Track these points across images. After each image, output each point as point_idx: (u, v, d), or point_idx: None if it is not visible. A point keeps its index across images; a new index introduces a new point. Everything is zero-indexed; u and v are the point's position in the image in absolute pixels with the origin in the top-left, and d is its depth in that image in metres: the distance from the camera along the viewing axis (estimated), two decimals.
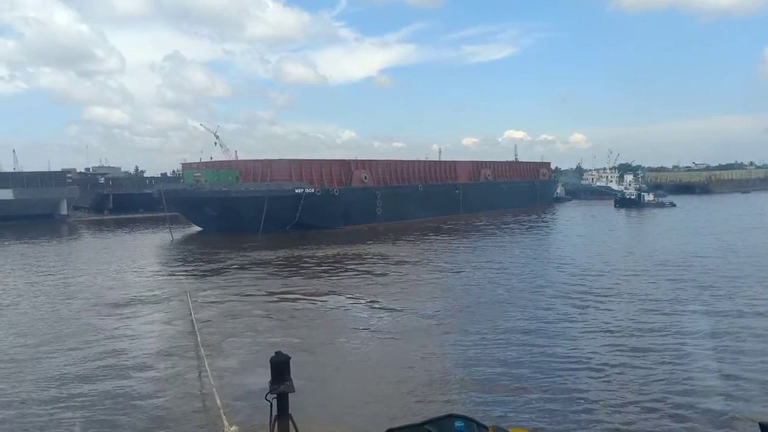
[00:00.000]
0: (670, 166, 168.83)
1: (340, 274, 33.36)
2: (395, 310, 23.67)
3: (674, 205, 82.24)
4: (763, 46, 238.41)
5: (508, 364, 16.28)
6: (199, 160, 67.60)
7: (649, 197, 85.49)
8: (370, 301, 25.46)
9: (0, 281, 32.33)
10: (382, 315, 23.07)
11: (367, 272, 33.54)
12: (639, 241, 45.78)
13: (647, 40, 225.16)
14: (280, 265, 37.16)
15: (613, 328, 19.81)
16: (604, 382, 14.89)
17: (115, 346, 19.05)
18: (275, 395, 8.54)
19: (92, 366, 16.88)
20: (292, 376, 8.75)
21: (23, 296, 28.11)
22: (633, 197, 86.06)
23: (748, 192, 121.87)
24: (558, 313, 22.17)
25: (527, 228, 60.86)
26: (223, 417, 10.23)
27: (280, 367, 8.76)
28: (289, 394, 8.64)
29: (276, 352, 9.04)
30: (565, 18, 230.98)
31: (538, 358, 16.67)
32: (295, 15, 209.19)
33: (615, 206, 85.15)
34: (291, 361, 8.92)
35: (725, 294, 24.88)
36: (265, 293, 27.79)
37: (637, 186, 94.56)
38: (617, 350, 17.37)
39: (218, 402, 11.09)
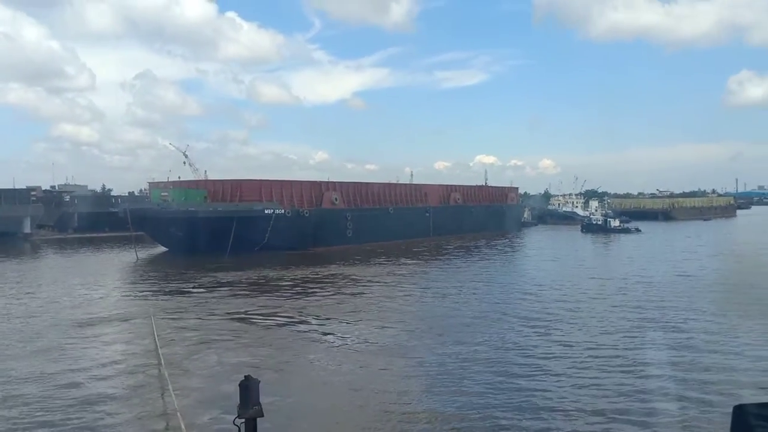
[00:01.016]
0: (636, 193, 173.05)
1: (308, 295, 33.24)
2: (362, 331, 23.73)
3: (639, 231, 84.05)
4: (727, 77, 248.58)
5: (469, 392, 16.37)
6: (167, 179, 66.83)
7: (615, 223, 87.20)
8: (336, 322, 25.46)
9: None
10: (348, 336, 23.08)
11: (336, 294, 33.52)
12: (606, 268, 46.59)
13: (615, 69, 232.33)
14: (247, 286, 36.85)
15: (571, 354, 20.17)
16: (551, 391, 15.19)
17: (77, 364, 18.70)
18: (243, 420, 8.45)
19: (52, 385, 16.54)
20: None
21: None
22: (599, 223, 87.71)
23: (709, 219, 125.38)
24: (521, 338, 22.43)
25: (496, 252, 61.53)
26: None
27: (249, 391, 8.67)
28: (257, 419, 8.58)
29: (245, 376, 8.96)
30: (536, 46, 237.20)
31: (504, 390, 16.77)
32: (270, 36, 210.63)
33: (582, 231, 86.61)
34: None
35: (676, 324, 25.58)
36: (230, 314, 27.51)
37: (603, 212, 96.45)
38: (577, 369, 17.73)
39: (181, 423, 11.00)
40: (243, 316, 27.16)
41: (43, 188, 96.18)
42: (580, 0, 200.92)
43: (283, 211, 57.71)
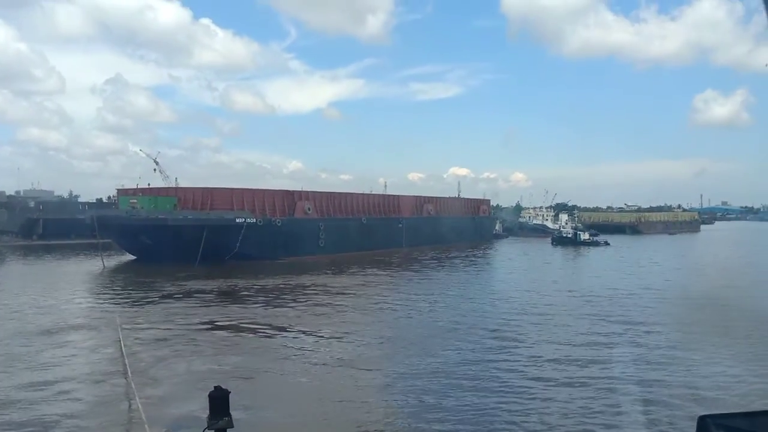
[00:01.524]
0: (605, 207, 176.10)
1: (278, 305, 32.95)
2: (331, 341, 23.63)
3: (608, 244, 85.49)
4: (693, 95, 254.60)
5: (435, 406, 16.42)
6: (136, 186, 65.74)
7: (584, 236, 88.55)
8: (307, 333, 25.27)
9: None
10: (317, 346, 22.95)
11: (307, 304, 33.30)
12: (576, 281, 47.23)
13: (587, 85, 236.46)
14: (216, 295, 36.41)
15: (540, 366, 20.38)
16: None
17: (41, 373, 18.25)
18: (213, 431, 8.31)
19: (15, 394, 16.12)
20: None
21: None
22: (569, 236, 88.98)
23: (675, 234, 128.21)
24: (486, 351, 22.47)
25: (468, 263, 61.96)
26: None
27: (218, 401, 8.52)
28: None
29: (215, 387, 8.77)
30: (510, 61, 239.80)
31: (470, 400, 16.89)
32: (245, 44, 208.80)
33: (552, 244, 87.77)
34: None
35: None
36: (199, 323, 27.12)
37: (573, 225, 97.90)
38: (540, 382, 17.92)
39: (147, 430, 10.79)
40: (212, 325, 26.79)
41: (7, 193, 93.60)
42: (554, 17, 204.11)
43: (254, 220, 57.22)
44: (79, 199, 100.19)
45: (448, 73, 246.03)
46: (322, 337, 24.37)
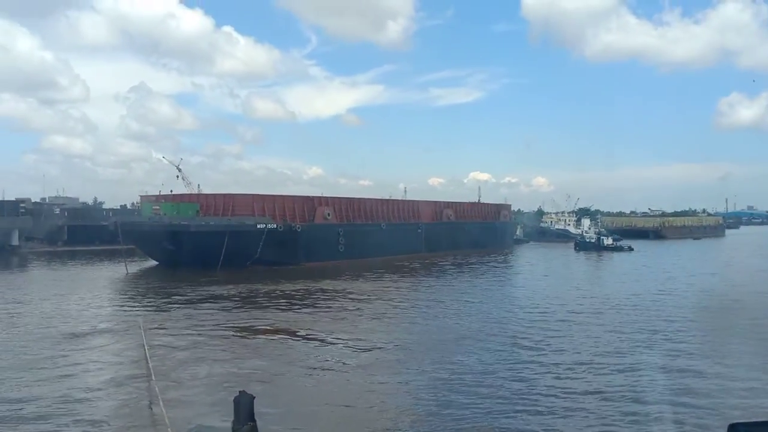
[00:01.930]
0: (628, 211, 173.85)
1: (298, 309, 33.08)
2: (354, 344, 23.60)
3: (632, 249, 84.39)
4: (718, 98, 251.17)
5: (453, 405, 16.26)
6: (159, 193, 66.54)
7: (608, 241, 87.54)
8: (326, 336, 25.32)
9: None
10: (337, 349, 22.99)
11: (326, 308, 33.40)
12: (602, 287, 46.47)
13: (609, 88, 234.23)
14: (238, 299, 36.61)
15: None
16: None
17: (66, 376, 18.53)
18: None
19: (40, 396, 16.33)
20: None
21: None
22: (593, 241, 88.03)
23: (699, 238, 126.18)
24: (510, 358, 22.25)
25: (488, 269, 61.50)
26: None
27: (243, 407, 8.51)
28: None
29: (240, 392, 8.77)
30: (531, 65, 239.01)
31: (488, 403, 16.66)
32: (266, 51, 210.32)
33: (575, 249, 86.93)
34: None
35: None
36: (221, 327, 27.33)
37: (596, 230, 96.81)
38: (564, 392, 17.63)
39: None
40: (234, 328, 26.95)
41: (33, 200, 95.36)
42: (575, 21, 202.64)
43: (275, 225, 57.46)
44: (104, 206, 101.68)
45: (468, 78, 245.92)
46: (340, 341, 24.34)
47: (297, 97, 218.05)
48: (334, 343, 24.01)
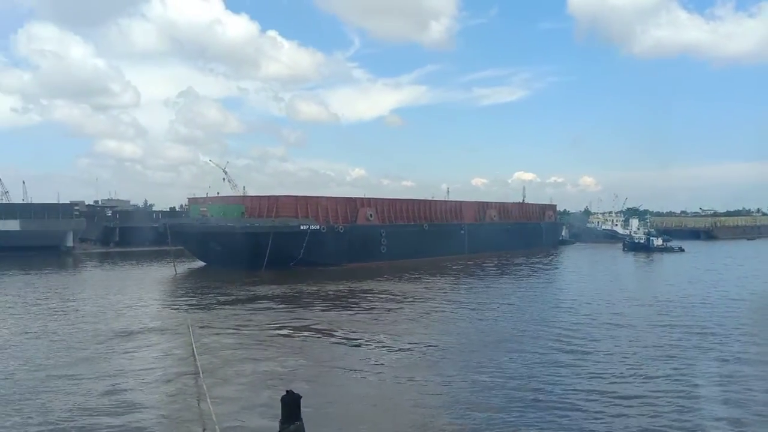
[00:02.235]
0: (678, 211, 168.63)
1: (341, 309, 33.30)
2: (396, 345, 23.60)
3: (683, 250, 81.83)
4: None
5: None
6: (206, 195, 68.11)
7: (657, 242, 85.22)
8: (369, 335, 25.43)
9: (5, 312, 32.28)
10: (379, 349, 23.02)
11: (369, 309, 33.47)
12: (656, 289, 44.94)
13: (659, 85, 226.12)
14: (282, 299, 37.07)
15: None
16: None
17: (118, 373, 19.14)
18: None
19: (94, 392, 16.94)
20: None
21: (29, 327, 28.04)
22: (642, 241, 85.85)
23: (754, 239, 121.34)
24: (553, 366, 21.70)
25: (533, 270, 60.54)
26: None
27: (290, 406, 8.53)
28: None
29: (287, 391, 8.80)
30: (577, 63, 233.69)
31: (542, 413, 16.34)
32: (310, 55, 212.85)
33: (623, 250, 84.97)
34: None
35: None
36: (266, 326, 27.76)
37: (646, 230, 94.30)
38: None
39: (217, 429, 11.03)
40: (278, 328, 27.31)
41: (87, 203, 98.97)
42: (623, 17, 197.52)
43: (318, 226, 57.99)
44: (153, 208, 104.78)
45: (512, 77, 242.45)
46: (382, 342, 24.36)
47: (340, 99, 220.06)
48: (376, 344, 24.04)
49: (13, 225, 72.28)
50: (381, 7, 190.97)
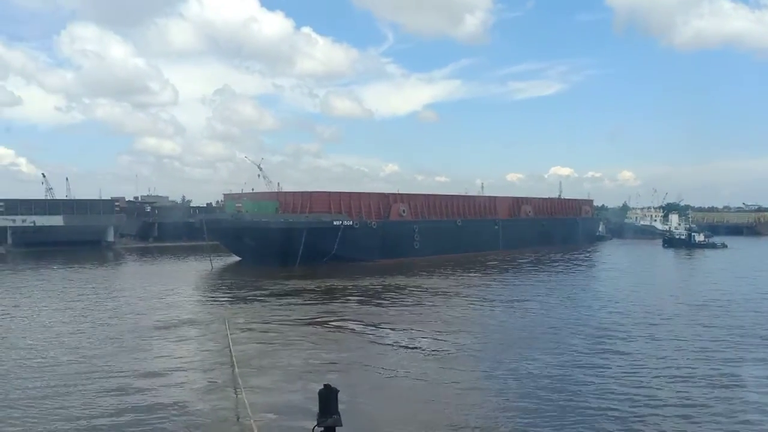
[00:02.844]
0: (721, 206, 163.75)
1: (374, 303, 33.45)
2: (427, 339, 23.68)
3: (726, 246, 79.44)
4: None
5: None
6: (241, 191, 69.10)
7: (699, 237, 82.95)
8: (402, 330, 25.52)
9: (49, 305, 33.38)
10: (413, 343, 23.07)
11: (401, 302, 33.58)
12: (696, 287, 43.92)
13: (701, 77, 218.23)
14: (316, 293, 37.41)
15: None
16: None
17: (157, 362, 19.83)
18: (322, 428, 8.37)
19: (135, 381, 17.55)
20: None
21: (73, 318, 29.07)
22: (683, 237, 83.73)
23: None
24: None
25: (568, 266, 59.61)
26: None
27: (328, 399, 8.52)
28: None
29: (324, 385, 8.79)
30: (616, 55, 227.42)
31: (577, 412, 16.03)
32: (344, 51, 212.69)
33: (663, 246, 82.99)
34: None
35: None
36: (299, 319, 28.10)
37: (687, 226, 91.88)
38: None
39: (251, 416, 11.24)
40: (311, 321, 27.63)
41: (127, 199, 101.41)
42: (663, 8, 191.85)
43: (351, 222, 58.18)
44: (191, 204, 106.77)
45: (548, 70, 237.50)
46: (415, 336, 24.42)
47: (374, 94, 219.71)
48: (409, 338, 24.09)
49: (57, 220, 74.57)
50: (415, 2, 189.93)
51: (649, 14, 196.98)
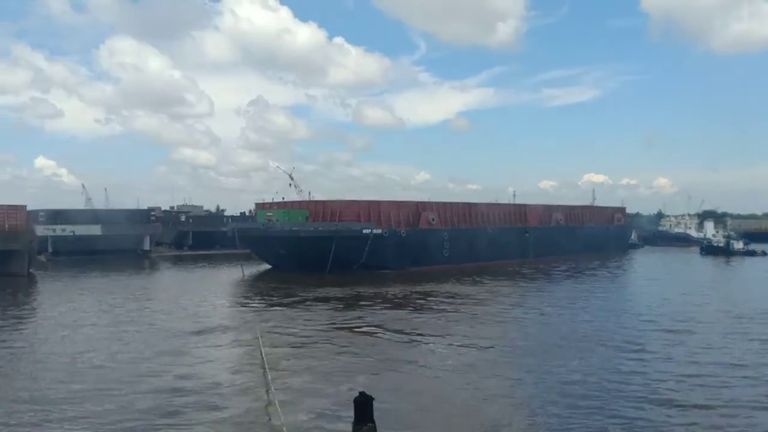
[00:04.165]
0: (760, 213, 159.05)
1: (403, 311, 33.76)
2: (456, 346, 23.88)
3: (766, 254, 77.50)
4: None
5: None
6: (272, 200, 70.17)
7: (738, 245, 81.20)
8: (431, 337, 25.72)
9: (94, 313, 34.51)
10: (442, 349, 23.30)
11: (431, 311, 33.82)
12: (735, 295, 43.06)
13: (741, 81, 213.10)
14: (346, 301, 37.86)
15: None
16: None
17: (194, 365, 20.58)
18: None
19: (184, 384, 18.32)
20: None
21: (109, 323, 30.11)
22: (721, 245, 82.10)
23: None
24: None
25: (600, 275, 58.85)
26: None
27: (363, 407, 8.70)
28: None
29: (360, 392, 8.99)
30: (652, 61, 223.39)
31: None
32: (376, 60, 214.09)
33: (701, 254, 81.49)
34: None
35: None
36: (328, 325, 28.62)
37: (725, 233, 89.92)
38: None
39: (280, 414, 11.67)
40: (341, 328, 28.11)
41: (163, 209, 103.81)
42: (701, 12, 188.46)
43: (380, 231, 58.51)
44: (225, 213, 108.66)
45: (583, 77, 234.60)
46: (445, 342, 24.62)
47: (406, 103, 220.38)
48: (438, 344, 24.32)
49: (95, 230, 76.78)
50: (446, 11, 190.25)
51: (685, 18, 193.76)
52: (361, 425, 8.55)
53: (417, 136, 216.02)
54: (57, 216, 77.35)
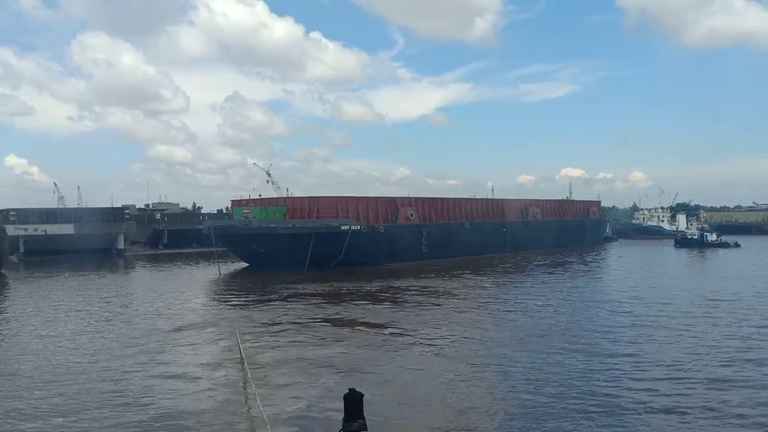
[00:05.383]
0: (732, 206, 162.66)
1: (381, 306, 33.76)
2: (435, 338, 24.03)
3: (738, 246, 79.32)
4: None
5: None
6: (248, 197, 69.54)
7: (712, 237, 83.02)
8: (409, 329, 25.85)
9: (68, 311, 33.83)
10: (421, 341, 23.41)
11: (408, 304, 33.95)
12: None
13: (714, 76, 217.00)
14: (324, 297, 37.71)
15: None
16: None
17: (172, 363, 20.37)
18: None
19: (152, 381, 18.04)
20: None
21: (83, 324, 29.56)
22: (695, 237, 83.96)
23: None
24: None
25: (575, 269, 59.59)
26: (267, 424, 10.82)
27: (353, 404, 8.62)
28: None
29: (349, 389, 8.90)
30: (627, 56, 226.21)
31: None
32: (354, 55, 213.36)
33: (675, 246, 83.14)
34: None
35: None
36: (307, 321, 28.49)
37: (699, 226, 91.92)
38: None
39: (263, 413, 11.58)
40: (320, 321, 28.08)
41: (138, 206, 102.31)
42: (674, 8, 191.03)
43: (358, 227, 58.50)
44: (202, 211, 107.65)
45: (559, 72, 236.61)
46: (423, 335, 24.73)
47: (385, 99, 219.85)
48: (416, 336, 24.44)
49: (68, 229, 75.38)
50: (424, 6, 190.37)
51: (659, 14, 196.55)
52: (350, 422, 8.46)
53: (396, 132, 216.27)
54: (28, 216, 75.79)
